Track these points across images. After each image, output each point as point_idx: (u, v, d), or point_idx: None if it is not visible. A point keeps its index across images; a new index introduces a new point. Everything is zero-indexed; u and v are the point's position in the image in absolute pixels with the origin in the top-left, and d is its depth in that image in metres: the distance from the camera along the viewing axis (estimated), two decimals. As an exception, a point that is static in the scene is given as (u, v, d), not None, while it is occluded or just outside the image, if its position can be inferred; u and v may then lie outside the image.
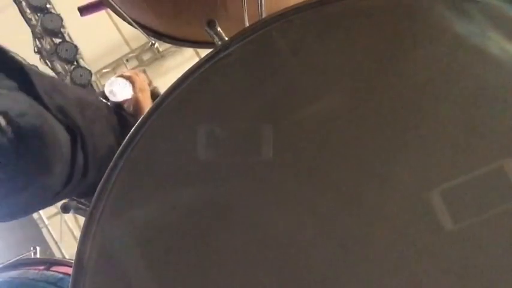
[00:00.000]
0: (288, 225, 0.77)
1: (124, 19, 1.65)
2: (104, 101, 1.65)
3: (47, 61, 5.73)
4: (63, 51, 5.66)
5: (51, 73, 5.64)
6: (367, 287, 0.73)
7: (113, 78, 1.70)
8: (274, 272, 0.76)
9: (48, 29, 5.65)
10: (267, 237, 0.77)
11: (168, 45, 6.46)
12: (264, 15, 1.37)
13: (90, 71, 5.73)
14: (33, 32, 5.70)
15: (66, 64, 5.70)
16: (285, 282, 0.75)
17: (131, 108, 1.64)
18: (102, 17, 4.55)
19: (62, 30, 5.76)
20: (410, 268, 0.72)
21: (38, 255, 2.19)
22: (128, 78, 1.66)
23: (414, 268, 0.72)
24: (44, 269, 1.83)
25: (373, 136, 0.77)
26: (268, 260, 0.76)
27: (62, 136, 1.10)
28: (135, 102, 1.63)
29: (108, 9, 1.80)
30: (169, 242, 0.79)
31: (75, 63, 5.71)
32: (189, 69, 0.85)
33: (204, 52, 0.91)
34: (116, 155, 0.82)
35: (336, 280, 0.74)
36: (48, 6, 5.74)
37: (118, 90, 1.66)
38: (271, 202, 0.78)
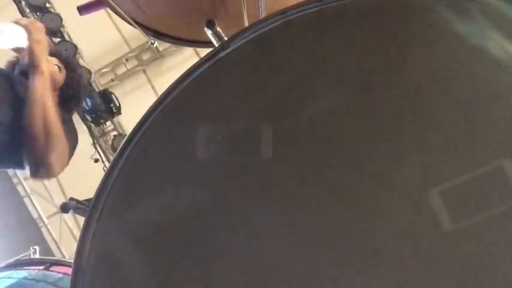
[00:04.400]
0: (288, 225, 0.77)
1: (123, 18, 1.65)
2: None
3: (47, 60, 5.72)
4: (62, 50, 5.66)
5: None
6: (366, 287, 0.73)
7: (5, 23, 1.54)
8: (273, 271, 0.76)
9: (47, 28, 5.64)
10: (266, 236, 0.77)
11: (167, 45, 6.44)
12: (263, 15, 1.37)
13: (89, 70, 5.72)
14: (32, 32, 5.68)
15: (66, 63, 5.69)
16: (284, 279, 0.75)
17: (26, 60, 1.54)
18: (102, 17, 4.54)
19: (61, 29, 5.75)
20: (410, 268, 0.72)
21: (37, 255, 2.19)
22: (24, 27, 1.52)
23: (413, 268, 0.72)
24: (44, 269, 1.83)
25: (372, 136, 0.77)
26: (267, 259, 0.76)
27: None
28: (31, 54, 1.51)
29: (108, 9, 1.80)
30: (169, 241, 0.79)
31: (74, 62, 5.70)
32: (188, 68, 0.85)
33: (204, 52, 0.91)
34: (116, 154, 0.82)
35: (335, 279, 0.74)
36: (47, 5, 5.73)
37: (11, 36, 1.53)
38: (270, 202, 0.78)
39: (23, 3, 5.67)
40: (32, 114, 1.45)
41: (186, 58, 6.52)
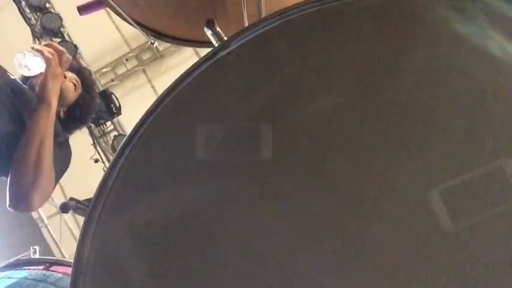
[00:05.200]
0: (287, 226, 0.77)
1: (123, 18, 1.65)
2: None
3: (47, 60, 5.71)
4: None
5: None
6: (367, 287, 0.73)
7: (26, 52, 1.49)
8: (273, 271, 0.76)
9: (47, 29, 5.65)
10: (266, 236, 0.77)
11: (167, 45, 6.46)
12: (263, 15, 1.37)
13: (89, 71, 5.73)
14: (32, 32, 5.69)
15: (66, 64, 5.69)
16: (284, 280, 0.75)
17: (37, 89, 1.49)
18: (102, 17, 4.55)
19: (61, 29, 5.76)
20: (410, 268, 0.72)
21: (37, 255, 2.19)
22: (46, 60, 1.47)
23: (414, 268, 0.72)
24: (44, 269, 1.83)
25: (372, 136, 0.77)
26: (267, 259, 0.76)
27: None
28: (43, 86, 1.47)
29: (108, 9, 1.80)
30: (169, 241, 0.79)
31: (74, 62, 5.70)
32: (188, 68, 0.85)
33: (204, 52, 0.91)
34: (116, 154, 0.82)
35: (335, 279, 0.74)
36: (47, 5, 5.73)
37: (33, 66, 1.49)
38: (270, 202, 0.78)
39: (23, 3, 5.67)
40: (26, 150, 1.41)
41: (186, 58, 6.53)
